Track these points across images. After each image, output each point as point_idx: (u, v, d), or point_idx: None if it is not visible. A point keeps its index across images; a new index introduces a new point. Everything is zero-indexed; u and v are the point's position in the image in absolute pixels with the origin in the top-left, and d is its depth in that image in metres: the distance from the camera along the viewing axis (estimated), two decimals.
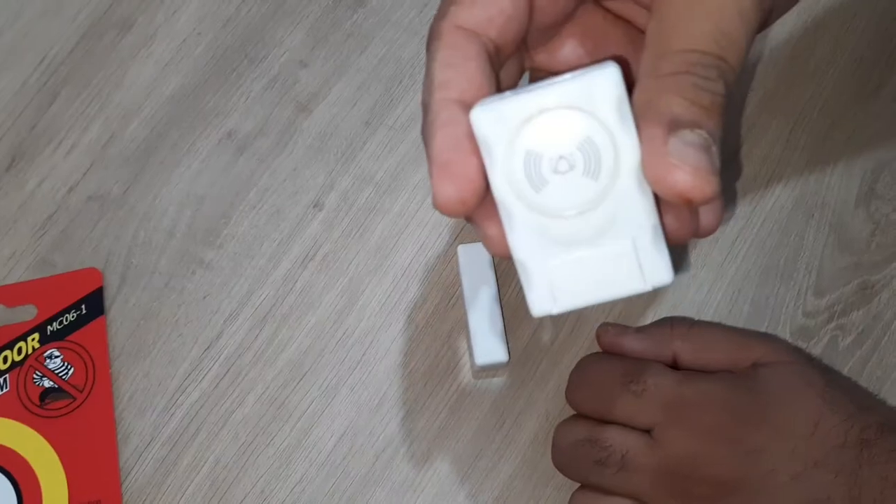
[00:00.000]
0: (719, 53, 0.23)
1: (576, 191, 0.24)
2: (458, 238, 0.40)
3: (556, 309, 0.25)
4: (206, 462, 0.37)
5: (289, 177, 0.41)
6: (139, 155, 0.41)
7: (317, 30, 0.43)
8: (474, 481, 0.37)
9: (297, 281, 0.40)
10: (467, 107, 0.24)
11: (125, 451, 0.37)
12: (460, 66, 0.25)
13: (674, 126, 0.22)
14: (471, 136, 0.24)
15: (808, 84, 0.43)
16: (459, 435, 0.38)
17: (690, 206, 0.25)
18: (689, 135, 0.22)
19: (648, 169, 0.23)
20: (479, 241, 0.29)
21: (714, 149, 0.22)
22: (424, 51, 0.43)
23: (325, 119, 0.42)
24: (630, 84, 0.24)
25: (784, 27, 0.44)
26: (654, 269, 0.24)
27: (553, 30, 0.28)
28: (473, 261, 0.39)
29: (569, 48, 0.29)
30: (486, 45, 0.25)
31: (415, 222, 0.41)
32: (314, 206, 0.41)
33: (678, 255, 0.40)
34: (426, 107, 0.25)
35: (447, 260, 0.40)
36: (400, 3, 0.44)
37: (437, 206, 0.24)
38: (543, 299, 0.25)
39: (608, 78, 0.23)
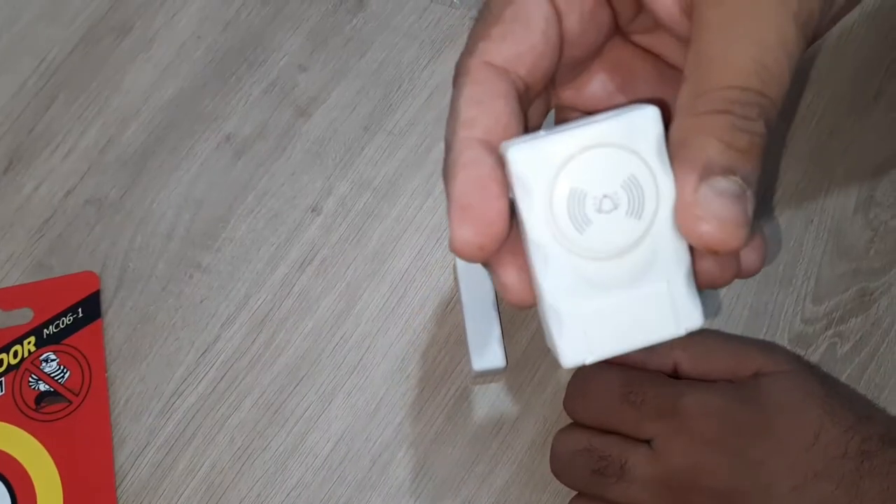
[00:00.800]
0: (760, 89, 0.22)
1: (620, 231, 0.23)
2: None
3: (590, 358, 0.24)
4: (201, 466, 0.37)
5: (287, 181, 0.41)
6: (137, 159, 0.41)
7: (316, 34, 0.43)
8: (471, 487, 0.37)
9: (294, 285, 0.40)
10: (492, 147, 0.23)
11: (120, 456, 0.37)
12: (487, 103, 0.24)
13: (707, 172, 0.21)
14: (495, 179, 0.23)
15: (807, 92, 0.43)
16: (456, 440, 0.38)
17: (717, 256, 0.24)
18: (721, 182, 0.21)
19: (678, 216, 0.22)
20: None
21: (749, 194, 0.21)
22: (424, 56, 0.43)
23: (323, 123, 0.42)
24: (665, 123, 0.23)
25: None
26: (687, 313, 0.24)
27: (581, 66, 0.27)
28: (471, 266, 0.39)
29: (597, 84, 0.28)
30: (516, 82, 0.24)
31: (412, 227, 0.41)
32: (312, 211, 0.41)
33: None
34: (449, 145, 0.24)
35: (445, 265, 0.40)
36: (400, 7, 0.44)
37: (453, 249, 0.23)
38: (577, 348, 0.23)
39: (649, 118, 0.23)
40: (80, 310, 0.38)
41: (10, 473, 0.36)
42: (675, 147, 0.22)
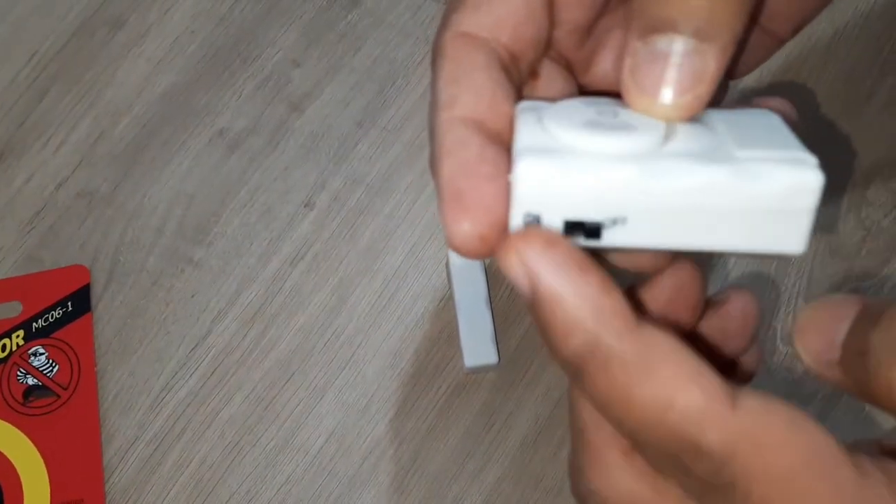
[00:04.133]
0: None
1: (642, 120, 0.21)
2: None
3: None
4: (191, 462, 0.37)
5: (280, 176, 0.41)
6: (129, 152, 0.41)
7: (310, 30, 0.43)
8: (462, 483, 0.37)
9: (286, 280, 0.39)
10: (479, 125, 0.20)
11: (109, 450, 0.37)
12: (465, 79, 0.21)
13: (644, 31, 0.20)
14: (485, 159, 0.20)
15: (799, 91, 0.43)
16: (448, 437, 0.37)
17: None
18: (660, 42, 0.20)
19: (621, 85, 0.21)
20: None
21: (708, 48, 0.20)
22: (418, 52, 0.43)
23: (317, 119, 0.42)
24: None
25: None
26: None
27: (586, 34, 0.24)
28: (464, 262, 0.39)
29: (609, 63, 0.25)
30: (498, 51, 0.22)
31: (405, 224, 0.40)
32: (305, 206, 0.41)
33: None
34: (431, 132, 0.21)
35: (438, 261, 0.40)
36: (395, 4, 0.44)
37: (453, 245, 0.20)
38: None
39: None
40: (69, 303, 0.38)
41: None
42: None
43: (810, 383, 0.38)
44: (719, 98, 0.27)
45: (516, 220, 0.20)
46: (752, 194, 0.20)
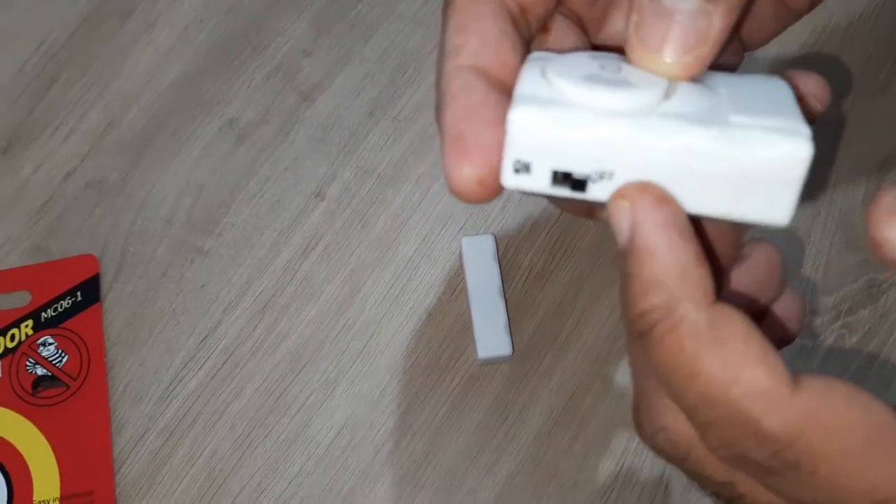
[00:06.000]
0: None
1: (643, 77, 0.21)
2: (461, 230, 0.40)
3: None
4: (202, 454, 0.36)
5: (290, 166, 0.41)
6: (138, 142, 0.41)
7: (321, 19, 0.43)
8: (476, 477, 0.36)
9: (297, 271, 0.39)
10: (484, 73, 0.21)
11: (119, 442, 0.36)
12: (472, 28, 0.21)
13: None
14: (488, 105, 0.20)
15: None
16: (461, 429, 0.37)
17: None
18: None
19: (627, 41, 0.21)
20: (484, 234, 0.26)
21: (715, 8, 0.20)
22: (429, 42, 0.43)
23: (327, 109, 0.42)
24: None
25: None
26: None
27: None
28: (477, 253, 0.38)
29: (621, 22, 0.25)
30: (507, 3, 0.22)
31: (417, 214, 0.40)
32: (316, 196, 0.40)
33: None
34: (437, 81, 0.22)
35: (450, 252, 0.39)
36: None
37: (452, 189, 0.20)
38: None
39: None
40: (78, 293, 0.38)
41: (6, 458, 0.35)
42: None
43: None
44: (735, 63, 0.27)
45: (507, 166, 0.20)
46: (739, 160, 0.20)
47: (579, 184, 0.21)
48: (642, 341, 0.20)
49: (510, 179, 0.21)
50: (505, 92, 0.21)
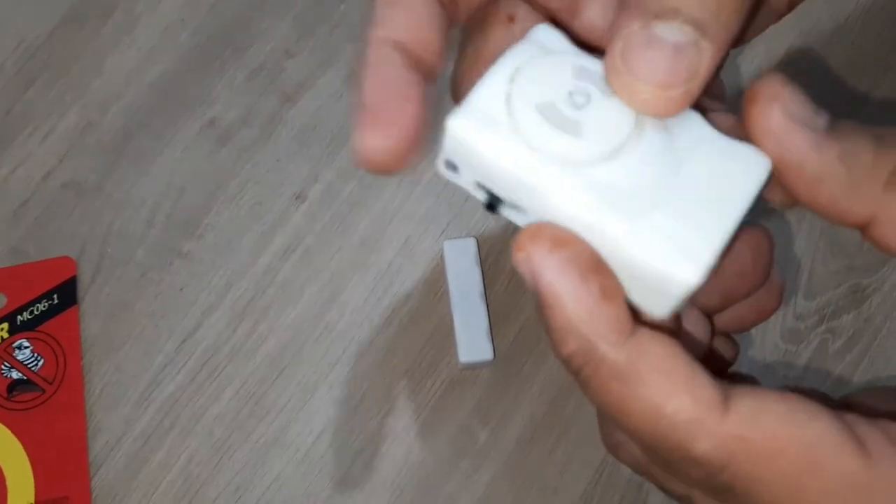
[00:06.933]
0: None
1: (611, 114, 0.20)
2: (444, 233, 0.39)
3: (707, 261, 0.20)
4: (179, 459, 0.36)
5: (272, 168, 0.40)
6: (118, 143, 0.40)
7: (304, 20, 0.42)
8: (456, 482, 0.36)
9: (277, 274, 0.39)
10: (405, 49, 0.21)
11: (95, 446, 0.36)
12: (401, 3, 0.21)
13: (644, 15, 0.19)
14: (405, 79, 0.20)
15: (798, 87, 0.42)
16: (441, 434, 0.37)
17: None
18: (660, 28, 0.19)
19: (606, 72, 0.20)
20: (467, 237, 0.27)
21: (704, 44, 0.19)
22: None
23: (310, 110, 0.41)
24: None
25: (775, 29, 0.43)
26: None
27: None
28: (459, 257, 0.38)
29: (595, 13, 0.24)
30: None
31: (399, 217, 0.40)
32: (297, 199, 0.40)
33: None
34: (360, 49, 0.22)
35: (432, 256, 0.39)
36: None
37: (360, 157, 0.20)
38: (688, 262, 0.19)
39: (547, 30, 0.22)
40: (55, 296, 0.37)
41: None
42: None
43: (810, 379, 0.38)
44: (720, 93, 0.26)
45: (440, 159, 0.21)
46: (631, 258, 0.20)
47: (492, 204, 0.21)
48: (577, 380, 0.21)
49: (442, 170, 0.21)
50: (421, 69, 0.21)
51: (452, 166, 0.21)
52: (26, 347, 0.36)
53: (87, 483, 0.35)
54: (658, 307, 0.20)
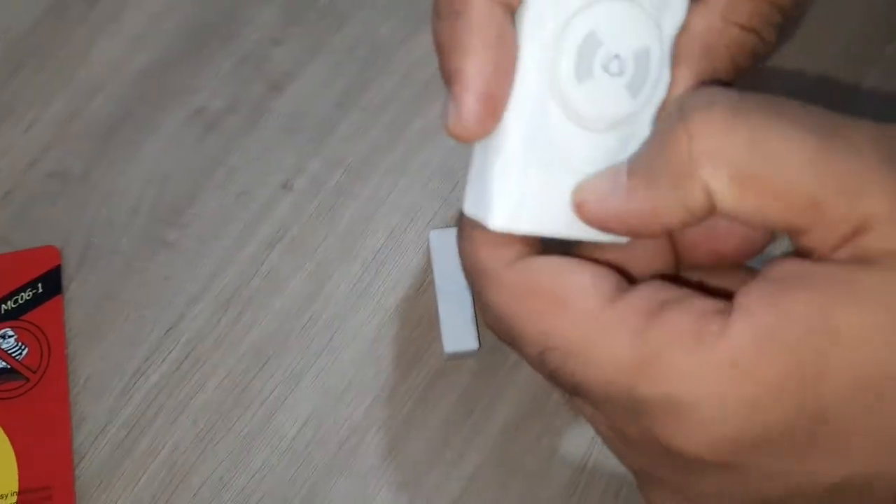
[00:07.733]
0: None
1: (613, 101, 0.21)
2: (430, 223, 0.39)
3: (522, 227, 0.22)
4: (163, 448, 0.36)
5: (258, 157, 0.40)
6: (103, 131, 0.40)
7: (290, 8, 0.42)
8: (441, 470, 0.36)
9: (263, 263, 0.39)
10: (508, 6, 0.20)
11: (79, 436, 0.36)
12: None
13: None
14: (511, 46, 0.20)
15: (789, 79, 0.42)
16: (427, 424, 0.37)
17: None
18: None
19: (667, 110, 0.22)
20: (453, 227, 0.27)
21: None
22: (400, 33, 0.42)
23: (296, 99, 0.41)
24: None
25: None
26: None
27: None
28: (445, 246, 0.38)
29: None
30: None
31: (385, 207, 0.40)
32: (283, 188, 0.40)
33: None
34: (442, 10, 0.21)
35: (418, 245, 0.39)
36: None
37: (452, 131, 0.21)
38: (510, 211, 0.21)
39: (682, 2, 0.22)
40: (39, 285, 0.37)
41: None
42: (694, 43, 0.21)
43: None
44: None
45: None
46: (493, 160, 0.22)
47: None
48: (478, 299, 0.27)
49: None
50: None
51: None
52: (10, 336, 0.36)
53: (71, 472, 0.35)
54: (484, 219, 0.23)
